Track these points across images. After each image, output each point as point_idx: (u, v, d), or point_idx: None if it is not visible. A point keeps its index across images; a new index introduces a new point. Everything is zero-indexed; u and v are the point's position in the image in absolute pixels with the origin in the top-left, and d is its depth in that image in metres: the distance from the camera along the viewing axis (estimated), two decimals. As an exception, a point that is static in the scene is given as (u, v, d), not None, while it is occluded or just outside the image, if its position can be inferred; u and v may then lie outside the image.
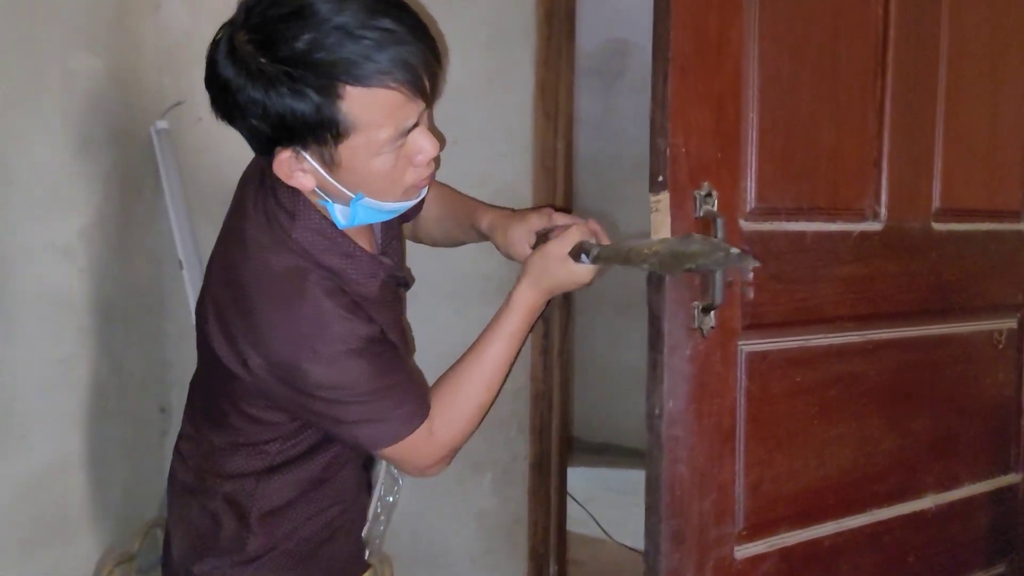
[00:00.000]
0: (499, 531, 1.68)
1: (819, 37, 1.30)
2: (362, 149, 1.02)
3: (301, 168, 1.04)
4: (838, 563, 1.37)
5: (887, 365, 1.43)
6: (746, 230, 1.23)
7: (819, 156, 1.31)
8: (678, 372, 1.17)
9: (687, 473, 1.19)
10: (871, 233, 1.38)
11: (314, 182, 1.06)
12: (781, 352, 1.29)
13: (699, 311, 1.17)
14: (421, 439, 1.15)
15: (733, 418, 1.23)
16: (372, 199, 1.07)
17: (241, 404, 1.14)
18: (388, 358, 1.14)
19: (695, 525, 1.20)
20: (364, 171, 1.04)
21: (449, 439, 1.18)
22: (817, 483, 1.35)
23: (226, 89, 1.00)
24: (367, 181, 1.05)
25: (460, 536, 1.68)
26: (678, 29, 1.13)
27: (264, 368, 1.08)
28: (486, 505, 1.67)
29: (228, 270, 1.12)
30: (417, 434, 1.14)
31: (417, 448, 1.15)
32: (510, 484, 1.67)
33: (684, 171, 1.15)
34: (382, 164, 1.04)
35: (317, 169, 1.04)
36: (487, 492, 1.67)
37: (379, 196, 1.08)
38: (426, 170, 1.09)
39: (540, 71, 1.74)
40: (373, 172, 1.04)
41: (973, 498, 1.57)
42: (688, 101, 1.16)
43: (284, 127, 0.99)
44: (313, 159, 1.03)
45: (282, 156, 1.03)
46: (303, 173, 1.05)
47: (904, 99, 1.39)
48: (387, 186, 1.07)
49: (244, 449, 1.17)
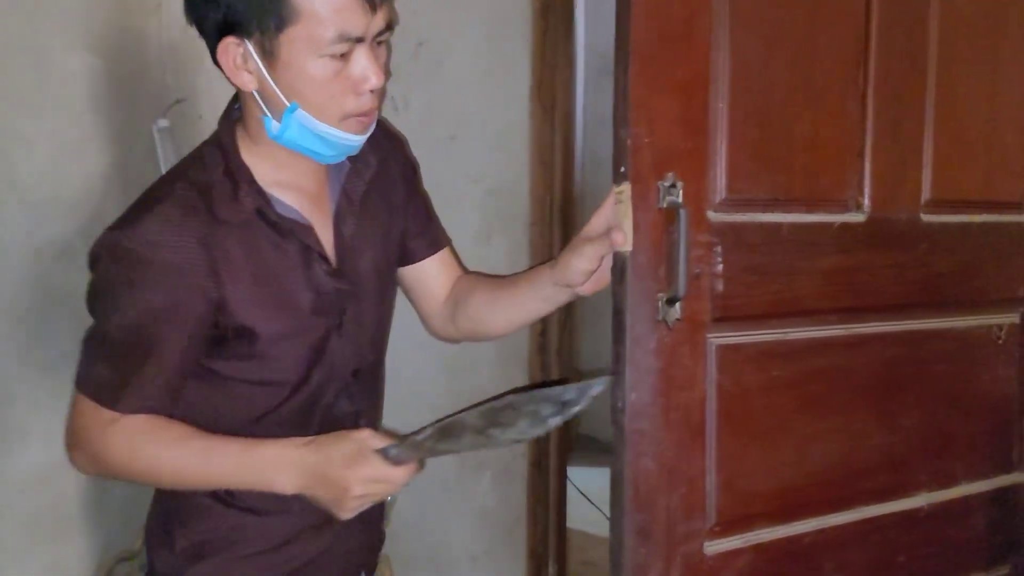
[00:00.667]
0: (499, 530, 1.68)
1: (795, 23, 1.27)
2: (302, 44, 1.01)
3: (244, 61, 1.05)
4: (820, 561, 1.34)
5: (875, 359, 1.40)
6: (715, 221, 1.21)
7: (796, 146, 1.29)
8: (642, 365, 1.16)
9: (653, 467, 1.17)
10: (854, 224, 1.35)
11: (255, 84, 1.06)
12: (756, 345, 1.27)
13: (663, 303, 1.16)
14: (93, 417, 1.07)
15: (702, 412, 1.21)
16: (307, 113, 1.05)
17: None
18: (160, 332, 1.06)
19: (662, 520, 1.19)
20: (301, 72, 1.03)
21: (107, 454, 1.08)
22: (798, 479, 1.32)
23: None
24: (304, 88, 1.04)
25: (460, 535, 1.68)
26: (639, 18, 1.12)
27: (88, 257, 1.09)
28: (486, 504, 1.67)
29: None
30: (96, 410, 1.07)
31: (82, 418, 1.08)
32: (510, 483, 1.67)
33: (647, 162, 1.14)
34: (320, 70, 1.03)
35: (258, 64, 1.04)
36: (487, 491, 1.67)
37: (315, 112, 1.05)
38: (368, 102, 1.07)
39: (537, 65, 1.74)
40: (310, 76, 1.03)
41: (971, 497, 1.53)
42: (651, 91, 1.14)
43: (230, 11, 1.02)
44: (255, 51, 1.03)
45: (226, 41, 1.04)
46: (247, 73, 1.05)
47: (889, 87, 1.36)
48: (324, 100, 1.05)
49: None
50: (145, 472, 1.09)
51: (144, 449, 1.06)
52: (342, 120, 1.07)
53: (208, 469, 1.07)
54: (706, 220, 1.20)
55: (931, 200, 1.43)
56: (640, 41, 1.13)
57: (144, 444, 1.06)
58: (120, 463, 1.07)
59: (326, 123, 1.06)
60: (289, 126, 1.06)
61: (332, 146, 1.09)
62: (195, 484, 1.09)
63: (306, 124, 1.06)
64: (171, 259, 1.03)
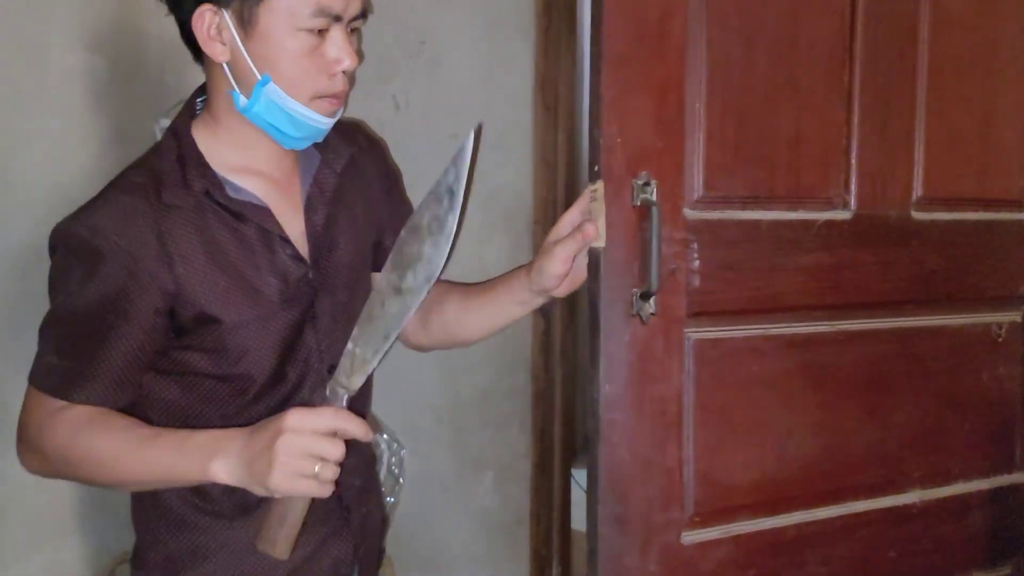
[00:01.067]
0: (501, 531, 1.67)
1: (776, 21, 1.29)
2: (281, 15, 1.02)
3: (219, 32, 1.04)
4: (804, 553, 1.36)
5: (864, 355, 1.40)
6: (691, 218, 1.23)
7: (778, 144, 1.30)
8: (616, 357, 1.19)
9: (627, 457, 1.20)
10: (839, 222, 1.36)
11: (227, 55, 1.05)
12: (736, 340, 1.29)
13: (637, 298, 1.19)
14: (45, 406, 1.03)
15: (679, 405, 1.24)
16: (278, 88, 1.05)
17: None
18: (112, 320, 1.03)
19: (638, 509, 1.22)
20: (277, 45, 1.03)
21: (47, 444, 1.02)
22: (781, 473, 1.34)
23: None
24: (278, 60, 1.04)
25: (461, 536, 1.67)
26: (611, 18, 1.15)
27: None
28: (487, 505, 1.66)
29: None
30: (45, 400, 1.03)
31: (31, 411, 1.05)
32: (512, 483, 1.66)
33: (620, 160, 1.17)
34: (297, 45, 1.04)
35: (233, 34, 1.04)
36: (488, 491, 1.66)
37: (286, 86, 1.05)
38: (339, 84, 1.08)
39: (539, 63, 1.73)
40: (286, 49, 1.04)
41: (970, 495, 1.52)
42: (624, 91, 1.17)
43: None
44: (231, 20, 1.03)
45: (203, 8, 1.03)
46: (220, 44, 1.05)
47: (876, 84, 1.37)
48: (297, 75, 1.05)
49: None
50: (81, 461, 1.01)
51: (81, 437, 1.00)
52: (312, 99, 1.07)
53: (143, 458, 0.99)
54: (682, 217, 1.22)
55: (923, 197, 1.43)
56: (612, 41, 1.16)
57: (83, 433, 1.01)
58: (58, 453, 1.01)
59: (296, 100, 1.06)
60: (259, 99, 1.05)
61: (299, 126, 1.08)
62: (130, 476, 1.01)
63: (276, 99, 1.05)
64: (120, 245, 1.02)
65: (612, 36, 1.16)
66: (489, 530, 1.66)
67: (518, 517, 1.65)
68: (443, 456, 1.59)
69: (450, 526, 1.66)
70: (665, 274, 1.20)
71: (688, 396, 1.25)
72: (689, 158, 1.24)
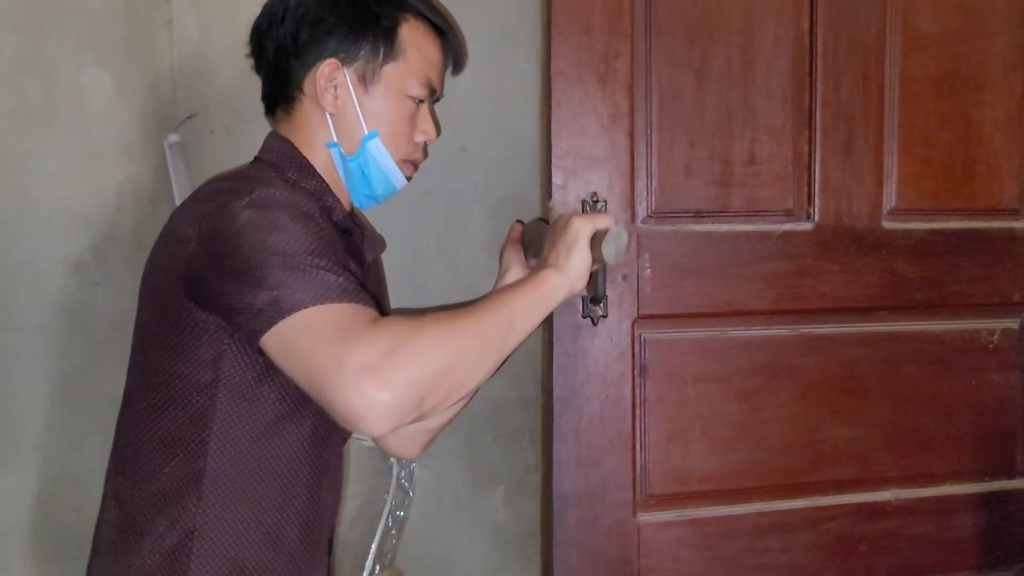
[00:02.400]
0: (512, 545, 1.63)
1: (726, 53, 1.42)
2: (396, 81, 1.12)
3: (334, 84, 1.11)
4: (764, 539, 1.46)
5: (830, 359, 1.49)
6: (643, 231, 1.39)
7: (731, 163, 1.43)
8: (567, 355, 1.36)
9: (582, 446, 1.37)
10: (799, 232, 1.46)
11: (335, 107, 1.12)
12: (691, 341, 1.43)
13: (588, 301, 1.36)
14: (354, 316, 0.89)
15: (632, 398, 1.39)
16: (382, 142, 1.13)
17: (161, 359, 1.01)
18: (335, 255, 0.97)
19: (590, 491, 1.38)
20: (388, 105, 1.13)
21: (397, 348, 0.86)
22: (740, 464, 1.46)
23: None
24: (384, 119, 1.13)
25: (472, 550, 1.63)
26: (559, 51, 1.35)
27: (198, 237, 0.97)
28: (498, 518, 1.62)
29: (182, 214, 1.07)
30: (348, 308, 0.89)
31: (349, 330, 0.87)
32: (523, 497, 1.61)
33: (572, 180, 1.35)
34: (402, 109, 1.14)
35: (349, 89, 1.11)
36: (499, 505, 1.62)
37: (388, 141, 1.13)
38: (420, 152, 1.19)
39: (546, 73, 1.87)
40: (394, 110, 1.13)
41: (957, 498, 1.57)
42: (574, 119, 1.35)
43: (344, 36, 1.10)
44: (351, 77, 1.11)
45: (328, 61, 1.10)
46: (335, 91, 1.11)
47: (838, 105, 1.46)
48: (396, 136, 1.14)
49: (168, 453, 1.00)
50: (469, 334, 0.93)
51: (440, 320, 0.92)
52: (400, 160, 1.16)
53: (510, 308, 0.98)
54: (633, 230, 1.38)
55: (897, 208, 1.51)
56: (562, 74, 1.34)
57: (429, 321, 0.91)
58: (428, 343, 0.88)
59: (394, 156, 1.15)
60: (364, 151, 1.13)
61: (384, 183, 1.16)
62: (520, 331, 0.99)
63: (376, 153, 1.13)
64: (313, 211, 1.01)
65: (561, 66, 1.34)
66: (500, 544, 1.62)
67: (529, 530, 1.61)
68: (454, 469, 1.59)
69: (461, 540, 1.63)
70: (616, 280, 1.36)
71: (641, 390, 1.40)
72: (640, 177, 1.39)
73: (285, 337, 0.88)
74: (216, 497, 0.99)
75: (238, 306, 0.91)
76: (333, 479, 1.13)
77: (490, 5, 1.52)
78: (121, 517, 1.03)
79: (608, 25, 1.35)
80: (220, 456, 0.98)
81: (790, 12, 1.44)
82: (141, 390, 1.03)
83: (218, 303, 0.94)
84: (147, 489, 1.00)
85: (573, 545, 1.39)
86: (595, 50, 1.35)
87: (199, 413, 0.98)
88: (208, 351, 0.97)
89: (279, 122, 1.17)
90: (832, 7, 1.45)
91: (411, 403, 0.86)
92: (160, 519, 0.99)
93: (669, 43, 1.39)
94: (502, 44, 1.61)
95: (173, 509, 0.99)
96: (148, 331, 1.04)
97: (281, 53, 1.13)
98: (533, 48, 1.59)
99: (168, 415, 0.99)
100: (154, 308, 1.03)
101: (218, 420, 0.98)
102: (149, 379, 1.02)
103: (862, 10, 1.47)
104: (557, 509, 1.37)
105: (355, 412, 0.84)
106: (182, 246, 0.98)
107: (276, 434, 1.01)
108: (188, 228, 0.99)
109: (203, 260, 0.96)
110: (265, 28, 1.15)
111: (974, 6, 1.52)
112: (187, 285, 0.97)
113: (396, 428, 0.86)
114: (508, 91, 1.61)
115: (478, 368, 0.94)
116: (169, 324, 0.99)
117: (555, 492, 1.37)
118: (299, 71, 1.12)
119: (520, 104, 1.62)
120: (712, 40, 1.41)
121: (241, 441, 0.99)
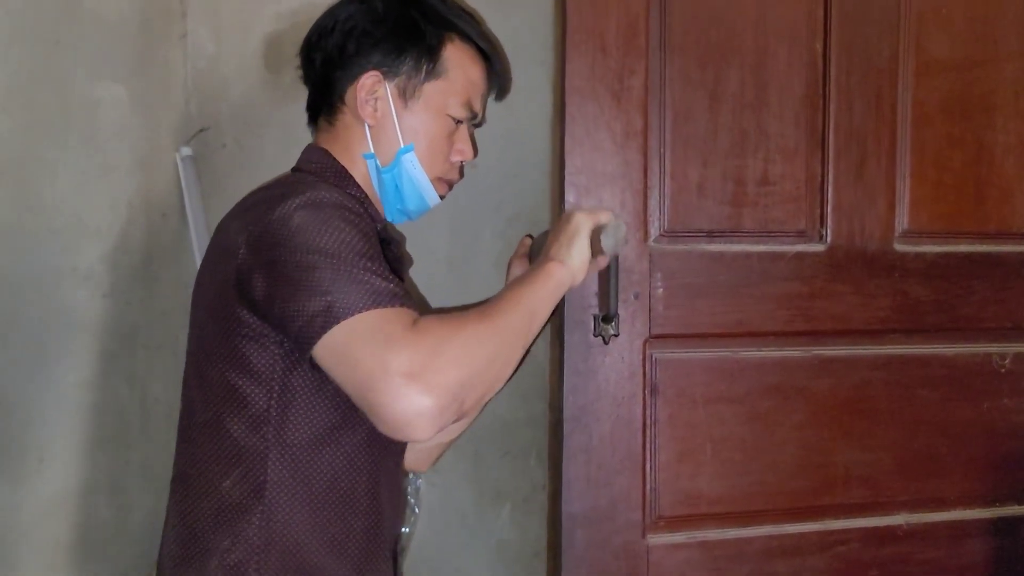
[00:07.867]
0: (518, 564, 1.64)
1: (740, 76, 1.42)
2: (437, 98, 1.14)
3: (374, 97, 1.13)
4: (773, 563, 1.45)
5: (843, 381, 1.48)
6: (655, 250, 1.38)
7: (744, 184, 1.43)
8: (578, 373, 1.35)
9: (587, 464, 1.36)
10: (811, 254, 1.46)
11: (374, 120, 1.14)
12: (703, 361, 1.42)
13: (600, 320, 1.35)
14: (399, 321, 0.89)
15: (642, 418, 1.38)
16: (417, 157, 1.14)
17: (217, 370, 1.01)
18: (379, 255, 0.99)
19: (599, 512, 1.37)
20: (427, 122, 1.14)
21: (440, 351, 0.87)
22: (751, 486, 1.44)
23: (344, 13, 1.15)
24: (423, 135, 1.14)
25: (478, 568, 1.64)
26: (573, 77, 1.34)
27: (247, 242, 0.98)
28: (505, 537, 1.63)
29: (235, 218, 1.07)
30: (394, 313, 0.89)
31: (393, 335, 0.87)
32: (529, 515, 1.62)
33: (584, 199, 1.35)
34: (441, 127, 1.15)
35: (389, 102, 1.13)
36: (505, 523, 1.63)
37: (423, 157, 1.15)
38: (455, 172, 1.21)
39: (557, 92, 1.88)
40: (433, 127, 1.15)
41: (970, 523, 1.55)
42: (588, 135, 1.35)
43: (391, 44, 1.13)
44: (392, 90, 1.14)
45: (371, 74, 1.13)
46: (375, 103, 1.13)
47: (851, 128, 1.46)
48: (433, 153, 1.16)
49: (229, 465, 1.00)
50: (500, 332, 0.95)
51: (471, 318, 0.94)
52: (435, 178, 1.18)
53: (529, 304, 1.00)
54: (645, 249, 1.38)
55: (909, 231, 1.50)
56: (576, 90, 1.34)
57: (463, 321, 0.93)
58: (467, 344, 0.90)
59: (429, 172, 1.17)
60: (398, 163, 1.14)
61: (416, 199, 1.17)
62: (537, 326, 1.02)
63: (411, 168, 1.15)
64: (361, 214, 1.05)
65: (576, 88, 1.34)
66: (506, 562, 1.62)
67: (535, 549, 1.61)
68: (460, 487, 1.59)
69: (467, 558, 1.63)
70: (628, 299, 1.36)
71: (652, 411, 1.39)
72: (653, 196, 1.39)
73: (337, 340, 0.89)
74: (278, 509, 0.99)
75: (291, 313, 0.92)
76: (392, 487, 1.12)
77: (500, 22, 1.53)
78: (184, 533, 1.03)
79: (623, 43, 1.35)
80: (280, 467, 0.99)
81: (804, 35, 1.44)
82: (199, 403, 1.04)
83: (271, 310, 0.95)
84: (209, 504, 1.01)
85: (582, 566, 1.37)
86: (610, 68, 1.35)
87: (256, 423, 0.99)
88: (262, 359, 0.98)
89: (320, 132, 1.19)
90: (846, 30, 1.45)
91: (454, 405, 0.87)
92: (223, 534, 0.99)
93: (683, 62, 1.39)
94: (513, 62, 1.58)
95: (236, 524, 0.99)
96: (204, 344, 1.04)
97: (328, 64, 1.15)
98: (544, 66, 1.61)
99: (226, 427, 1.00)
100: (209, 321, 1.03)
101: (274, 429, 0.99)
102: (206, 393, 1.03)
103: (875, 34, 1.47)
104: (566, 529, 1.35)
105: (402, 418, 0.85)
106: (231, 255, 0.99)
107: (332, 442, 1.01)
108: (236, 236, 0.99)
109: (253, 265, 0.96)
110: (315, 40, 1.17)
111: (986, 31, 1.52)
112: (240, 293, 0.97)
113: (439, 432, 0.87)
114: (519, 109, 1.60)
115: (509, 366, 0.96)
116: (224, 334, 1.00)
117: (564, 512, 1.36)
118: (343, 82, 1.14)
119: (530, 122, 1.64)
120: (726, 60, 1.41)
121: (299, 450, 1.00)
